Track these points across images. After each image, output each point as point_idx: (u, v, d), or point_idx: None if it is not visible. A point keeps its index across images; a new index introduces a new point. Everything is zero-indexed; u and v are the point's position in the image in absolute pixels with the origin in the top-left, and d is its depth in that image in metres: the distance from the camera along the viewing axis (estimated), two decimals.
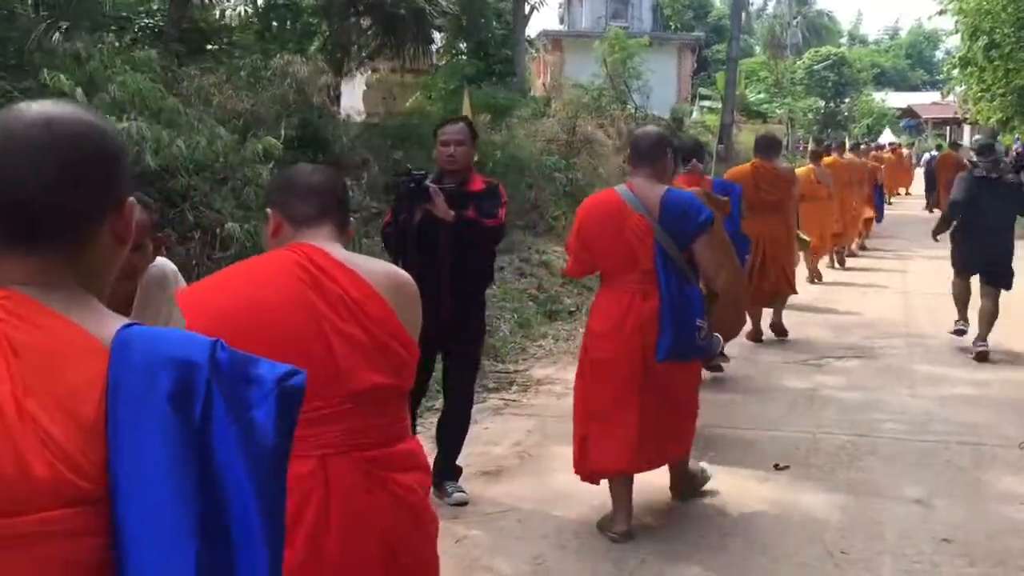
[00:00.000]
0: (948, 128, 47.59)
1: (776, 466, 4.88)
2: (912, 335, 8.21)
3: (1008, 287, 7.28)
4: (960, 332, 7.57)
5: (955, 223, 7.60)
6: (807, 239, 9.46)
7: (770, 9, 52.29)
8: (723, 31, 37.66)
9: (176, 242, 5.99)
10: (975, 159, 9.45)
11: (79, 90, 5.99)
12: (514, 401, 6.21)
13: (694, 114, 30.96)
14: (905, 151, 30.97)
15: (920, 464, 5.00)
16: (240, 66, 9.22)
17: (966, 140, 43.54)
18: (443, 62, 21.69)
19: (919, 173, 27.68)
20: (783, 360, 7.28)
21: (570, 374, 4.93)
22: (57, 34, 7.15)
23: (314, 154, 8.89)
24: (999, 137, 34.41)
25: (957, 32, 26.76)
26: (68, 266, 1.09)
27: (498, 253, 4.88)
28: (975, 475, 4.87)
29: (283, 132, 8.63)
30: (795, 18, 47.11)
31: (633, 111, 20.71)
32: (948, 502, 4.47)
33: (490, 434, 5.40)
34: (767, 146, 7.71)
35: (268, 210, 2.24)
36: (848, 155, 13.19)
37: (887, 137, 31.13)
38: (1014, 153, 22.77)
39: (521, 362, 7.14)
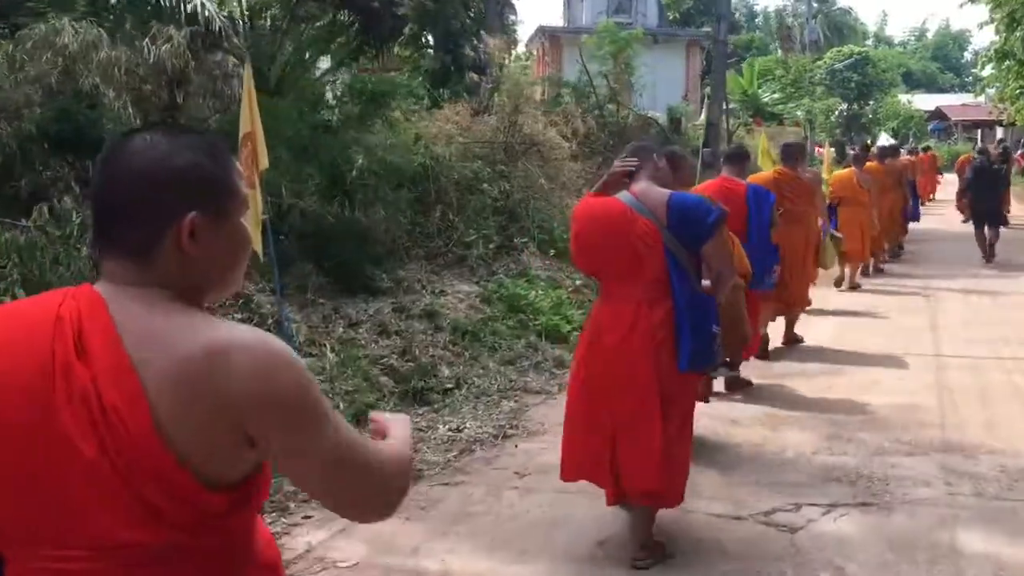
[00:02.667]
0: (979, 131, 44.23)
1: None
2: (951, 448, 5.01)
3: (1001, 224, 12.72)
4: None
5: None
6: (840, 237, 8.98)
7: (787, 5, 48.89)
8: (735, 27, 34.53)
9: None
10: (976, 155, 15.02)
11: None
12: None
13: (703, 115, 28.06)
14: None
15: None
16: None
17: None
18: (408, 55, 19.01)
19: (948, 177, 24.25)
20: (734, 512, 4.22)
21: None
22: None
23: (76, 158, 6.06)
24: None
25: (992, 23, 23.38)
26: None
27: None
28: None
29: (23, 124, 5.87)
30: (814, 16, 43.72)
31: (616, 110, 17.69)
32: None
33: None
34: (792, 154, 7.57)
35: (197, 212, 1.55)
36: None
37: (883, 139, 27.79)
38: None
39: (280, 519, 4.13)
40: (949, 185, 22.85)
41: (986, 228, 12.51)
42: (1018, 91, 23.35)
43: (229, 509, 1.30)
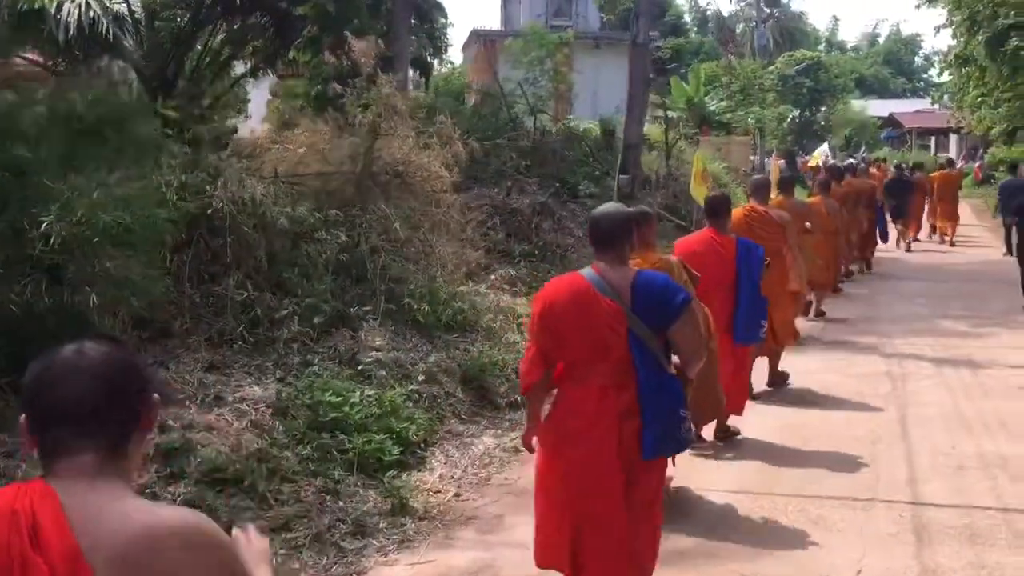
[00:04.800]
0: (933, 139, 42.73)
1: None
2: None
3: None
4: None
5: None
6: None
7: (740, 9, 46.84)
8: (681, 31, 32.36)
9: None
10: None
11: None
12: None
13: (645, 126, 25.92)
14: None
15: None
16: None
17: (953, 151, 38.59)
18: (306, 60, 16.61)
19: None
20: None
21: None
22: None
23: None
24: (991, 150, 28.84)
25: (950, 25, 21.41)
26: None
27: None
28: None
29: None
30: (765, 20, 41.79)
31: (534, 122, 15.41)
32: None
33: None
34: (758, 189, 7.50)
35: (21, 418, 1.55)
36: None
37: (824, 150, 25.70)
38: None
39: None
40: None
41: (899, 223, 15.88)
42: (979, 99, 21.40)
43: None
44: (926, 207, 17.39)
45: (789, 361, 7.77)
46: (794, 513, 4.68)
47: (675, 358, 3.53)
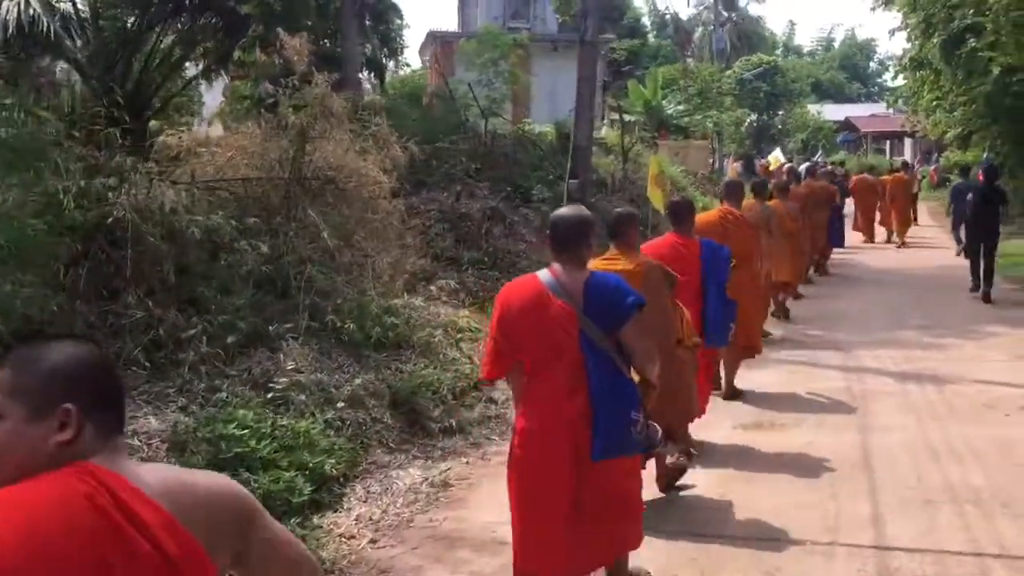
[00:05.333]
0: (888, 142, 42.96)
1: None
2: None
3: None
4: None
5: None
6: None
7: (699, 12, 46.62)
8: (639, 33, 31.99)
9: None
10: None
11: None
12: None
13: (603, 129, 25.59)
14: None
15: None
16: None
17: (908, 155, 38.74)
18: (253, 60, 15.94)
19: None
20: None
21: None
22: None
23: None
24: (945, 154, 28.87)
25: (905, 28, 21.21)
26: None
27: None
28: None
29: None
30: (723, 24, 41.64)
31: (485, 125, 14.90)
32: None
33: None
34: (732, 191, 7.36)
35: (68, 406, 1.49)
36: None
37: (776, 154, 25.47)
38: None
39: None
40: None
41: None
42: (934, 103, 21.22)
43: None
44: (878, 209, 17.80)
45: (747, 376, 7.30)
46: (747, 563, 4.15)
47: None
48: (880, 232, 18.12)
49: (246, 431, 5.04)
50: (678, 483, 5.06)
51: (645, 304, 3.50)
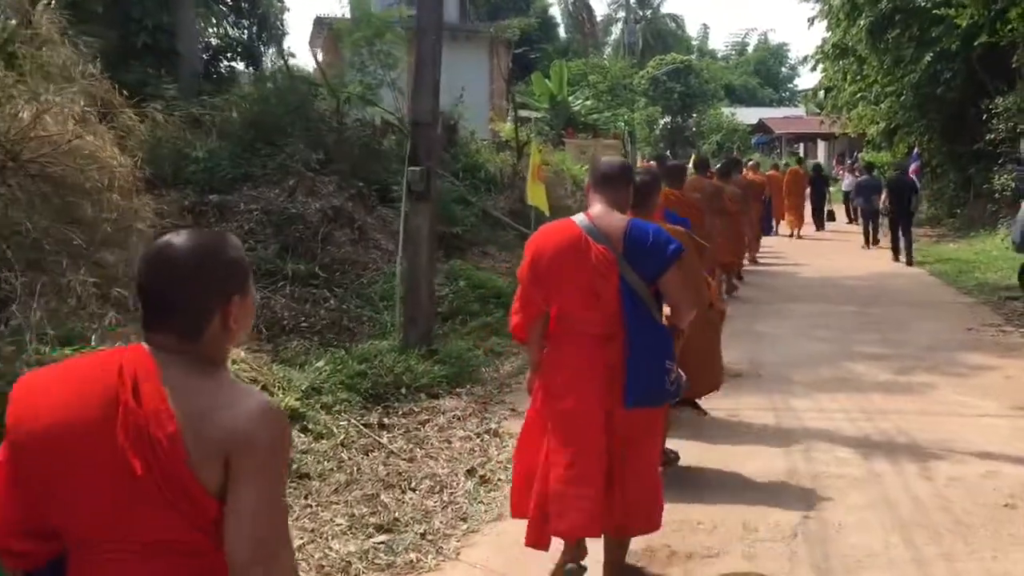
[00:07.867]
0: (802, 144, 41.69)
1: None
2: None
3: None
4: None
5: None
6: None
7: (614, 9, 44.44)
8: (548, 25, 29.56)
9: None
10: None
11: None
12: None
13: (508, 122, 23.14)
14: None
15: None
16: None
17: (822, 157, 37.36)
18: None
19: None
20: None
21: None
22: None
23: None
24: (861, 154, 27.05)
25: (826, 16, 19.15)
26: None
27: None
28: None
29: None
30: (638, 22, 39.65)
31: (337, 108, 12.17)
32: None
33: None
34: (674, 173, 7.19)
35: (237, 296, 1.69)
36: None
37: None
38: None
39: None
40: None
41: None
42: (857, 95, 19.17)
43: (219, 517, 1.58)
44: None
45: None
46: None
47: (666, 309, 3.35)
48: (784, 227, 18.13)
49: None
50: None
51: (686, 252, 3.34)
